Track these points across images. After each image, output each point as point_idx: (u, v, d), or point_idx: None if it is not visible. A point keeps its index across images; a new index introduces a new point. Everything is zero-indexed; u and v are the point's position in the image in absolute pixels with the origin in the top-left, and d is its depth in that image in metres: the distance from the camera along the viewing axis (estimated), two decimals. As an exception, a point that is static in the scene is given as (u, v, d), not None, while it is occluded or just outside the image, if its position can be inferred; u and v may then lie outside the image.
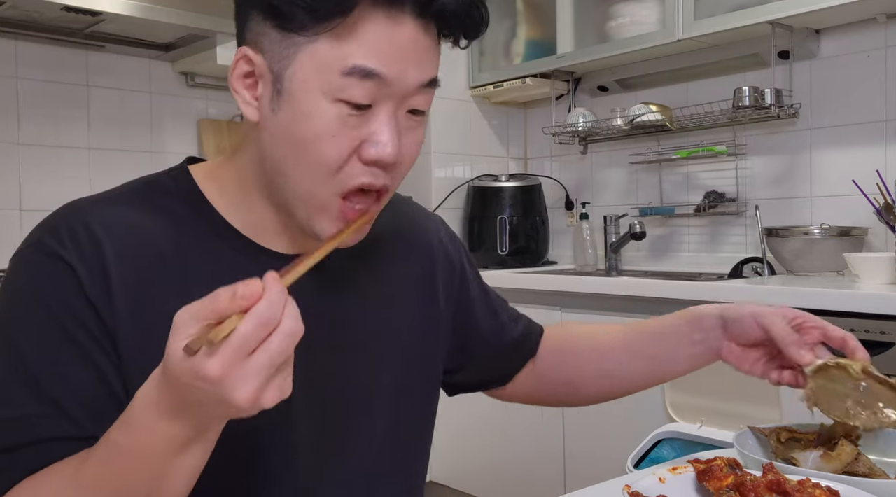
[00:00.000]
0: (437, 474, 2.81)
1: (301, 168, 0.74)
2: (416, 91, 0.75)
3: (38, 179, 2.46)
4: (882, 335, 1.72)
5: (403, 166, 0.78)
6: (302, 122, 0.72)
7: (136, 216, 0.77)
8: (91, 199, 0.79)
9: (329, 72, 0.71)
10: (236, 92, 0.77)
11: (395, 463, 0.90)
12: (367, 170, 0.74)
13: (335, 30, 0.70)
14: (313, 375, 0.81)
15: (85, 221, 0.75)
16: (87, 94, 2.56)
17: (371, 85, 0.71)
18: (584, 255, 2.94)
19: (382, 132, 0.73)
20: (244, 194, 0.81)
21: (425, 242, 0.98)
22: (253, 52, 0.75)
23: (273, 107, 0.74)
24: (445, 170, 3.08)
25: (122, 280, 0.73)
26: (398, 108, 0.75)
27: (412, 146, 0.78)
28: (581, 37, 2.80)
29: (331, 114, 0.72)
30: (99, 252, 0.73)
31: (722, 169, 2.67)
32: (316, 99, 0.71)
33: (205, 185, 0.82)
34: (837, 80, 2.38)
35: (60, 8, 2.13)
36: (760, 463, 0.75)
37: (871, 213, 2.14)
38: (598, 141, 3.03)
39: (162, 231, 0.77)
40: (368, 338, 0.88)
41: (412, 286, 0.94)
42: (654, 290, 2.15)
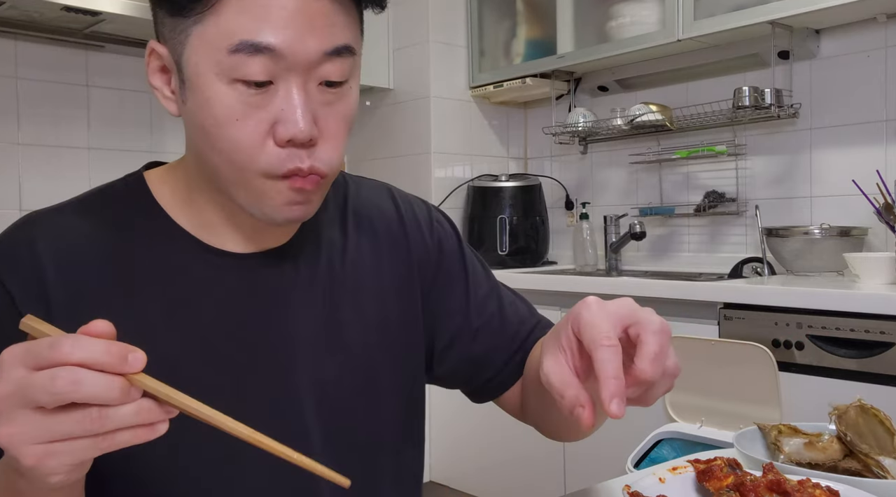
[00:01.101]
0: (437, 474, 2.81)
1: (219, 157, 0.71)
2: (321, 61, 0.69)
3: (38, 179, 2.46)
4: (882, 335, 1.72)
5: (331, 143, 0.72)
6: (206, 109, 0.69)
7: (84, 227, 0.77)
8: (43, 212, 0.78)
9: (217, 51, 0.67)
10: (155, 88, 0.74)
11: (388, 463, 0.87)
12: (288, 153, 0.69)
13: (216, 5, 0.66)
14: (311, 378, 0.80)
15: (30, 238, 0.75)
16: (87, 94, 2.56)
17: (263, 60, 0.66)
18: (584, 255, 2.94)
19: (289, 109, 0.68)
20: (191, 193, 0.79)
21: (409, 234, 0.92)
22: (159, 44, 0.73)
23: (183, 97, 0.71)
24: (445, 170, 3.08)
25: (66, 293, 0.73)
26: (307, 82, 0.69)
27: (334, 122, 0.71)
28: (581, 37, 2.80)
29: (230, 97, 0.68)
30: (38, 267, 0.73)
31: (722, 169, 2.67)
32: (211, 82, 0.68)
33: (158, 189, 0.80)
34: (837, 80, 2.38)
35: (60, 8, 2.13)
36: (760, 463, 0.75)
37: (871, 213, 2.14)
38: (598, 141, 3.03)
39: (108, 241, 0.76)
40: (359, 337, 0.84)
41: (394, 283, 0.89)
42: (654, 290, 2.15)
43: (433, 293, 0.91)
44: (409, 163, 3.06)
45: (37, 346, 0.52)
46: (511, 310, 0.95)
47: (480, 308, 0.93)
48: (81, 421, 0.51)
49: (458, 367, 0.93)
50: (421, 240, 0.92)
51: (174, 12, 0.69)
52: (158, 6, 0.72)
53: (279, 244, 0.81)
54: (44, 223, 0.77)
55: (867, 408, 0.86)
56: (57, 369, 0.50)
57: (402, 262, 0.89)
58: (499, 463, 2.62)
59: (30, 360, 0.52)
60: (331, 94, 0.71)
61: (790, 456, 0.84)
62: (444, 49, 3.05)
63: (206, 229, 0.79)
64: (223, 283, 0.78)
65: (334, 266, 0.84)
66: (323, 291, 0.83)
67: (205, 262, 0.78)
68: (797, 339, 1.86)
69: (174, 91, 0.73)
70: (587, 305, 0.65)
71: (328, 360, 0.81)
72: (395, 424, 0.87)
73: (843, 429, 0.83)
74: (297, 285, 0.81)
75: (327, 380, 0.81)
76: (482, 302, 0.94)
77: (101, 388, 0.51)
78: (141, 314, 0.75)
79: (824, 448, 0.83)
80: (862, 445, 0.82)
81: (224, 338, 0.77)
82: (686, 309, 2.07)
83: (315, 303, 0.82)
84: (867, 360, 1.75)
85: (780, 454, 0.85)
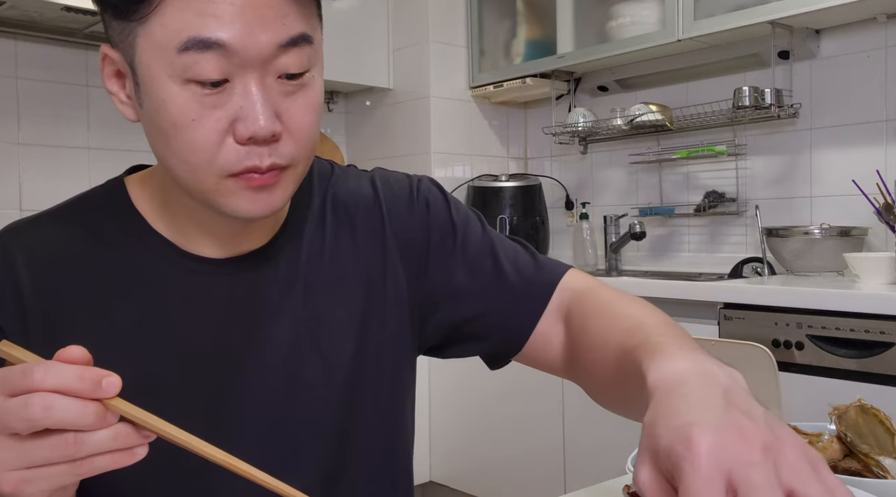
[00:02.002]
0: (437, 474, 2.81)
1: (176, 159, 0.68)
2: (276, 53, 0.66)
3: (38, 179, 2.46)
4: (882, 335, 1.72)
5: (297, 138, 0.69)
6: (161, 111, 0.67)
7: (59, 237, 0.76)
8: (20, 222, 0.78)
9: (166, 52, 0.64)
10: (112, 93, 0.72)
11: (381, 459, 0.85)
12: (248, 151, 0.67)
13: (160, 6, 0.64)
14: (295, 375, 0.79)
15: (5, 247, 0.75)
16: (87, 94, 2.56)
17: (215, 57, 0.64)
18: (584, 255, 2.94)
19: (248, 106, 0.65)
20: (165, 198, 0.77)
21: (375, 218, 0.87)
22: (110, 48, 0.70)
23: (140, 101, 0.69)
24: (445, 170, 3.08)
25: (37, 306, 0.72)
26: (264, 76, 0.66)
27: (298, 113, 0.69)
28: (581, 37, 2.79)
29: (184, 97, 0.65)
30: (12, 277, 0.73)
31: (722, 169, 2.67)
32: (165, 84, 0.65)
33: (137, 194, 0.79)
34: (837, 80, 2.38)
35: (60, 8, 2.13)
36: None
37: (871, 213, 2.14)
38: (598, 141, 3.03)
39: (83, 249, 0.76)
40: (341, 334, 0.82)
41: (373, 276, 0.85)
42: (654, 290, 2.15)
43: (423, 267, 0.87)
44: (408, 163, 3.06)
45: (10, 372, 0.52)
46: (510, 265, 0.87)
47: (473, 268, 0.87)
48: (56, 447, 0.51)
49: (453, 334, 0.88)
50: (401, 217, 0.87)
51: (118, 15, 0.66)
52: (104, 10, 0.69)
53: (258, 246, 0.79)
54: (19, 234, 0.76)
55: (867, 408, 0.86)
56: (29, 396, 0.50)
57: (380, 245, 0.85)
58: (499, 463, 2.62)
59: (4, 387, 0.52)
60: (291, 85, 0.68)
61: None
62: (444, 49, 3.05)
63: (183, 235, 0.77)
64: (200, 289, 0.77)
65: (314, 264, 0.82)
66: (303, 292, 0.80)
67: (182, 268, 0.77)
68: (797, 339, 1.86)
69: (129, 96, 0.71)
70: (691, 460, 0.46)
71: (309, 363, 0.80)
72: (382, 418, 0.85)
73: (843, 429, 0.83)
74: (276, 288, 0.79)
75: (309, 382, 0.80)
76: (474, 260, 0.87)
77: (74, 413, 0.51)
78: (118, 323, 0.74)
79: (824, 448, 0.83)
80: (862, 445, 0.82)
81: (203, 345, 0.76)
82: (686, 309, 2.07)
83: (295, 305, 0.80)
84: (867, 360, 1.75)
85: None
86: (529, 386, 2.46)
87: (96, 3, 0.69)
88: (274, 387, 0.78)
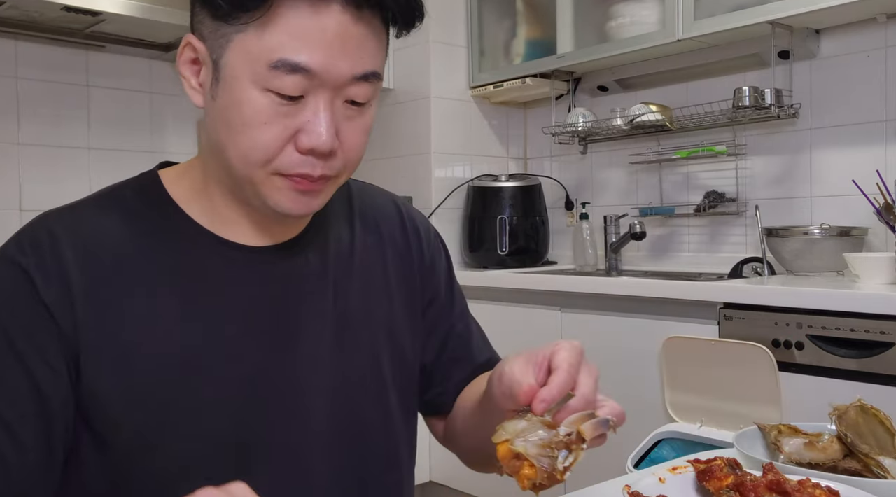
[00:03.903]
0: (437, 474, 2.81)
1: (237, 152, 0.75)
2: (350, 83, 0.74)
3: (38, 179, 2.46)
4: (882, 335, 1.72)
5: (348, 155, 0.77)
6: (235, 109, 0.73)
7: (101, 222, 0.79)
8: (60, 208, 0.81)
9: (256, 63, 0.71)
10: (183, 77, 0.78)
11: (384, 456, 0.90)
12: (304, 159, 0.74)
13: (261, 20, 0.70)
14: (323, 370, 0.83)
15: (50, 230, 0.77)
16: (87, 94, 2.56)
17: (299, 78, 0.71)
18: (584, 255, 2.94)
19: (316, 122, 0.73)
20: (208, 188, 0.82)
21: (413, 241, 0.98)
22: (196, 39, 0.76)
23: (213, 93, 0.75)
24: (445, 170, 3.08)
25: (84, 285, 0.75)
26: (335, 98, 0.74)
27: (353, 136, 0.77)
28: (581, 37, 2.79)
29: (261, 102, 0.72)
30: (59, 258, 0.75)
31: (722, 169, 2.67)
32: (246, 87, 0.72)
33: (173, 186, 0.84)
34: (837, 80, 2.38)
35: (60, 8, 2.13)
36: (760, 463, 0.75)
37: (871, 213, 2.14)
38: (598, 141, 3.03)
39: (126, 235, 0.79)
40: (366, 334, 0.89)
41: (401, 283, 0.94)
42: (654, 290, 2.15)
43: (426, 303, 0.97)
44: (409, 163, 3.06)
45: None
46: (477, 337, 1.02)
47: (456, 324, 1.00)
48: None
49: (426, 372, 0.99)
50: (420, 251, 0.97)
51: (218, 17, 0.73)
52: (201, 6, 0.75)
53: (290, 237, 0.85)
54: (63, 218, 0.79)
55: (867, 408, 0.86)
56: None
57: (407, 267, 0.95)
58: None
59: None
60: (353, 110, 0.76)
61: (790, 456, 0.84)
62: (444, 49, 3.04)
63: (221, 223, 0.82)
64: (238, 275, 0.82)
65: (342, 261, 0.89)
66: (333, 284, 0.87)
67: (220, 255, 0.81)
68: (797, 339, 1.86)
69: (202, 84, 0.77)
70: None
71: (337, 352, 0.85)
72: (396, 415, 0.91)
73: (843, 429, 0.83)
74: (308, 278, 0.85)
75: (336, 371, 0.85)
76: (458, 318, 1.01)
77: None
78: (160, 307, 0.77)
79: (824, 448, 0.83)
80: (862, 446, 0.82)
81: (240, 330, 0.80)
82: (686, 309, 2.07)
83: (325, 296, 0.86)
84: (867, 360, 1.75)
85: (780, 454, 0.85)
86: (529, 386, 2.46)
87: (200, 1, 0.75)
88: (302, 375, 0.83)
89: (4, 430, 0.72)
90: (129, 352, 0.75)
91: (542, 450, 0.62)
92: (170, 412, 0.76)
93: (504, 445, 0.63)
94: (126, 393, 0.75)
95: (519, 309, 2.55)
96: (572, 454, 0.63)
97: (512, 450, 0.62)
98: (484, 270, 2.89)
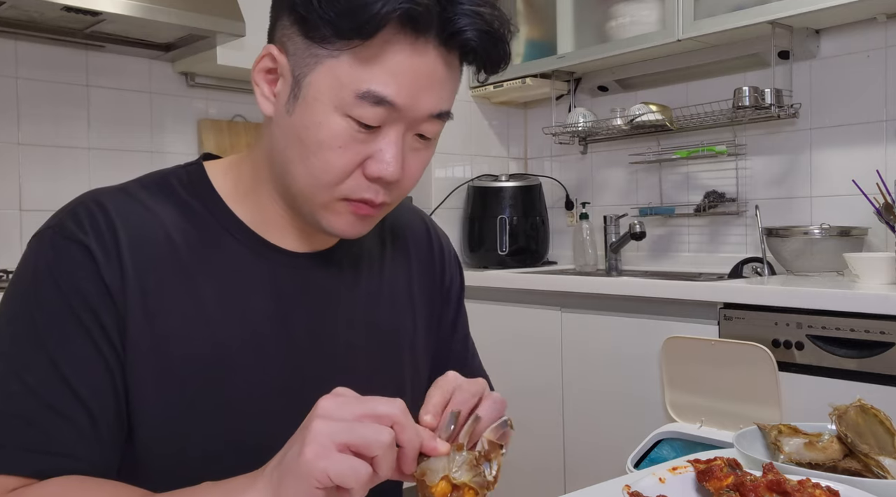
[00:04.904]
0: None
1: (306, 171, 0.76)
2: (425, 119, 0.76)
3: (38, 179, 2.46)
4: (882, 335, 1.72)
5: (405, 185, 0.80)
6: (312, 129, 0.74)
7: (150, 207, 0.80)
8: (110, 189, 0.82)
9: (344, 90, 0.73)
10: (256, 84, 0.79)
11: None
12: (369, 185, 0.77)
13: (357, 49, 0.72)
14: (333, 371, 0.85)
15: (104, 209, 0.78)
16: (87, 94, 2.56)
17: (382, 110, 0.73)
18: (584, 255, 2.94)
19: (388, 151, 0.75)
20: (256, 189, 0.83)
21: (437, 255, 1.01)
22: (278, 51, 0.77)
23: (288, 108, 0.76)
24: (445, 170, 3.08)
25: (134, 267, 0.76)
26: (407, 131, 0.77)
27: (416, 167, 0.80)
28: (581, 37, 2.80)
29: (340, 127, 0.74)
30: (115, 238, 0.76)
31: (722, 169, 2.67)
32: (328, 111, 0.74)
33: (219, 180, 0.85)
34: (837, 80, 2.38)
35: (60, 8, 2.13)
36: (760, 463, 0.75)
37: (871, 213, 2.14)
38: (598, 141, 3.03)
39: (174, 223, 0.80)
40: (391, 346, 0.91)
41: (423, 295, 0.97)
42: (654, 290, 2.15)
43: (438, 317, 1.00)
44: (409, 163, 3.05)
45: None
46: (474, 360, 1.05)
47: (454, 347, 1.02)
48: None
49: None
50: (442, 272, 1.00)
51: (311, 38, 0.73)
52: (291, 22, 0.75)
53: (327, 246, 0.87)
54: (116, 199, 0.80)
55: (867, 408, 0.86)
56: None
57: (430, 286, 0.98)
58: (499, 463, 2.61)
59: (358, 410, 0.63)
60: (420, 144, 0.79)
61: (790, 456, 0.84)
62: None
63: (265, 225, 0.84)
64: (277, 278, 0.83)
65: (373, 274, 0.91)
66: (365, 296, 0.89)
67: (261, 256, 0.83)
68: (797, 339, 1.86)
69: (276, 95, 0.78)
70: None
71: (364, 361, 0.87)
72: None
73: (843, 429, 0.83)
74: (341, 287, 0.87)
75: (361, 380, 0.85)
76: (458, 341, 1.03)
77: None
78: (199, 299, 0.79)
79: (824, 448, 0.83)
80: (862, 445, 0.82)
81: (273, 332, 0.81)
82: (686, 309, 2.07)
83: (356, 306, 0.88)
84: (867, 360, 1.75)
85: (780, 454, 0.85)
86: (529, 386, 2.47)
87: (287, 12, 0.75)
88: (329, 382, 0.83)
89: (80, 404, 0.72)
90: (164, 343, 0.76)
91: (473, 472, 0.65)
92: (196, 406, 0.77)
93: (442, 483, 0.65)
94: (156, 383, 0.75)
95: (519, 309, 2.55)
96: (493, 461, 0.66)
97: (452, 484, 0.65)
98: (484, 270, 2.89)
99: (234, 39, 2.43)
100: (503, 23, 0.77)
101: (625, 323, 2.22)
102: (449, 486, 0.65)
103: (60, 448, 0.71)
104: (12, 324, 0.75)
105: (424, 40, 0.73)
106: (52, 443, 0.71)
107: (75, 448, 0.72)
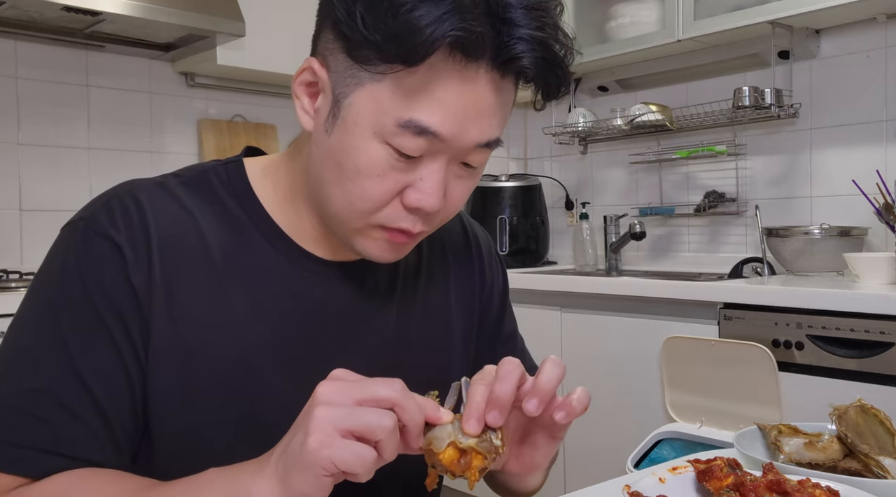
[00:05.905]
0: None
1: (342, 196, 0.73)
2: (472, 150, 0.72)
3: (38, 179, 2.46)
4: (882, 335, 1.72)
5: (447, 212, 0.76)
6: (350, 153, 0.70)
7: (186, 206, 0.78)
8: (147, 182, 0.79)
9: (385, 117, 0.68)
10: (297, 97, 0.75)
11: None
12: (407, 215, 0.73)
13: (400, 74, 0.67)
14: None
15: (138, 203, 0.75)
16: (87, 94, 2.56)
17: (424, 141, 0.68)
18: (584, 255, 2.94)
19: (429, 183, 0.71)
20: (293, 198, 0.81)
21: (478, 257, 0.97)
22: (320, 65, 0.73)
23: (327, 127, 0.72)
24: (445, 170, 3.07)
25: (162, 268, 0.74)
26: (450, 161, 0.72)
27: (459, 195, 0.75)
28: (581, 37, 2.79)
29: (380, 154, 0.70)
30: (146, 236, 0.74)
31: (722, 169, 2.67)
32: (366, 136, 0.69)
33: (257, 182, 0.82)
34: (837, 80, 2.38)
35: (60, 8, 2.13)
36: (760, 463, 0.75)
37: (871, 213, 2.14)
38: (598, 141, 3.03)
39: (208, 224, 0.78)
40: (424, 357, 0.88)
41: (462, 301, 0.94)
42: (654, 290, 2.15)
43: (479, 320, 0.96)
44: (409, 163, 3.05)
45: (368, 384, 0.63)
46: (523, 356, 1.01)
47: (498, 348, 0.98)
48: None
49: None
50: (482, 275, 0.96)
51: (354, 56, 0.69)
52: (335, 38, 0.71)
53: (362, 257, 0.84)
54: (152, 194, 0.77)
55: (867, 408, 0.86)
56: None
57: (469, 293, 0.94)
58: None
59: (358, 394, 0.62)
60: (465, 172, 0.74)
61: (790, 456, 0.84)
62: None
63: (301, 233, 0.81)
64: (310, 287, 0.81)
65: (409, 284, 0.88)
66: (397, 306, 0.86)
67: (296, 264, 0.81)
68: (797, 339, 1.86)
69: (317, 110, 0.74)
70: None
71: (394, 373, 0.85)
72: None
73: (843, 429, 0.83)
74: (374, 298, 0.85)
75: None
76: (507, 338, 1.00)
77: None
78: (229, 305, 0.76)
79: (824, 448, 0.83)
80: (862, 445, 0.82)
81: (302, 339, 0.79)
82: (686, 309, 2.07)
83: (389, 317, 0.85)
84: (867, 360, 1.75)
85: (780, 454, 0.85)
86: (529, 386, 2.46)
87: (331, 27, 0.70)
88: None
89: (95, 406, 0.71)
90: (191, 346, 0.74)
91: (479, 438, 0.65)
92: (220, 411, 0.75)
93: (449, 450, 0.65)
94: (181, 388, 0.74)
95: (519, 309, 2.53)
96: (497, 431, 0.66)
97: (459, 450, 0.65)
98: (484, 270, 2.89)
99: (234, 39, 2.43)
100: (564, 47, 0.72)
101: (625, 323, 2.22)
102: (456, 451, 0.64)
103: (70, 450, 0.70)
104: (37, 318, 0.73)
105: (475, 66, 0.67)
106: (61, 444, 0.69)
107: (86, 450, 0.70)
